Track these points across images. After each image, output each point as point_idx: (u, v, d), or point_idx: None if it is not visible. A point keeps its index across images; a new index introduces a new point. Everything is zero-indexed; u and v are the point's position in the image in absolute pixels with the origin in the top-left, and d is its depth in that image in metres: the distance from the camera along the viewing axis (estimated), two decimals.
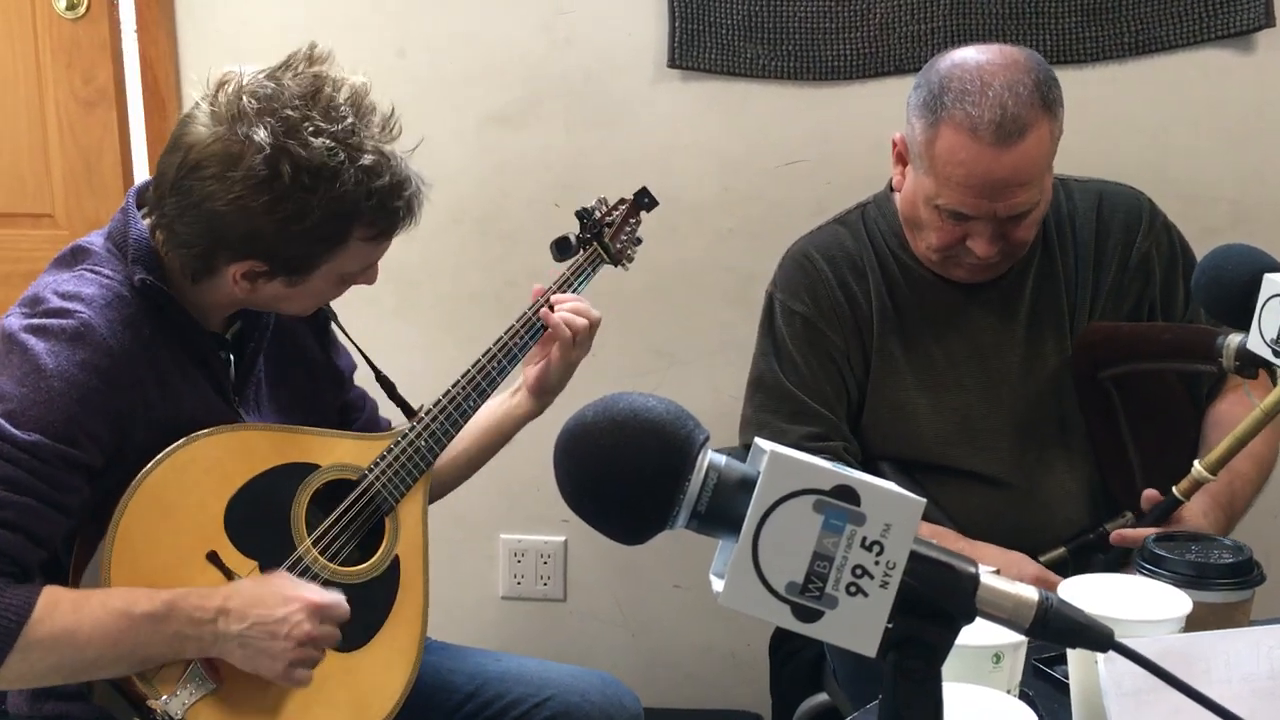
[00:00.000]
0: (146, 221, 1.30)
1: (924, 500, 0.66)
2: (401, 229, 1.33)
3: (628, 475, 0.67)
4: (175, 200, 1.25)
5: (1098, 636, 0.69)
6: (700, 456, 0.68)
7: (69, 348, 1.20)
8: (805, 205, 2.08)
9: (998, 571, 0.69)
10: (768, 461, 0.66)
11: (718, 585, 0.68)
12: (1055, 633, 0.68)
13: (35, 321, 1.22)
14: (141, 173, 2.28)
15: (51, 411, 1.18)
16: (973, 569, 0.68)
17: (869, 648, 0.66)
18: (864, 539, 0.66)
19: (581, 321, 1.50)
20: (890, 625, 0.67)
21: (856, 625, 0.66)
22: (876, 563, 0.66)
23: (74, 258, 1.30)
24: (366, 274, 1.38)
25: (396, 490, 1.42)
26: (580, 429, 0.69)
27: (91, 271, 1.27)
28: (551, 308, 1.51)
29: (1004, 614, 0.68)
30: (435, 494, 1.54)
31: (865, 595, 0.66)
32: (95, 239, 1.32)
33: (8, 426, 1.17)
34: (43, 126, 2.25)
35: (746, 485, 0.67)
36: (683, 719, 2.28)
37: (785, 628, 0.66)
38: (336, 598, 1.30)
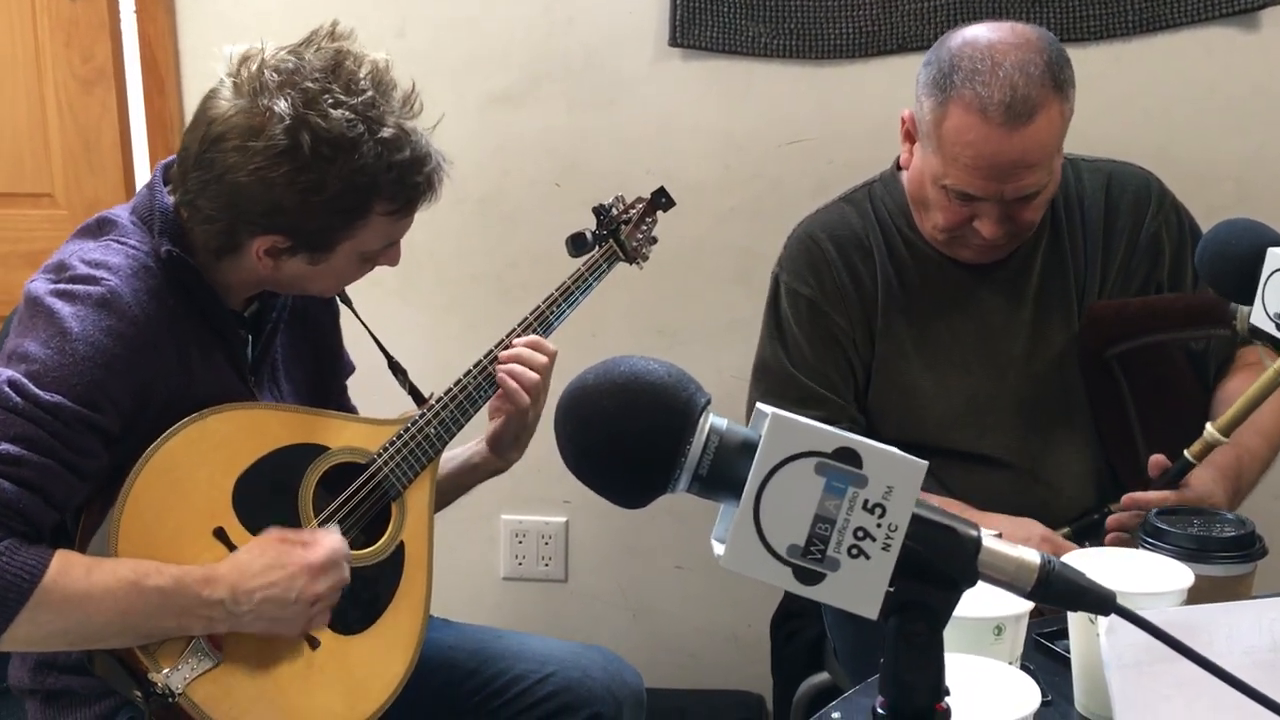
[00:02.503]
0: (172, 199, 1.31)
1: (925, 463, 0.66)
2: (422, 205, 1.34)
3: (628, 438, 0.67)
4: (198, 175, 1.26)
5: (1099, 599, 0.69)
6: (702, 419, 0.68)
7: (95, 313, 1.21)
8: (807, 184, 2.07)
9: (1000, 535, 0.69)
10: (769, 424, 0.66)
11: (719, 549, 0.68)
12: (1057, 595, 0.68)
13: (62, 286, 1.23)
14: (140, 152, 2.27)
15: (75, 374, 1.18)
16: (974, 532, 0.68)
17: (870, 610, 0.66)
18: (866, 501, 0.65)
19: (532, 376, 1.45)
20: (892, 589, 0.66)
21: (858, 587, 0.66)
22: (878, 525, 0.65)
23: (100, 228, 1.31)
24: (389, 253, 1.38)
25: (404, 476, 1.42)
26: (581, 392, 0.69)
27: (118, 242, 1.28)
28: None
29: (1006, 577, 0.68)
30: None
31: (867, 557, 0.65)
32: (120, 212, 1.33)
33: (31, 386, 1.17)
34: (41, 106, 2.24)
35: (748, 448, 0.67)
36: (684, 699, 2.29)
37: (787, 590, 0.66)
38: (330, 546, 1.28)
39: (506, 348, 1.49)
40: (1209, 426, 1.35)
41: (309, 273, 1.33)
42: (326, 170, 1.23)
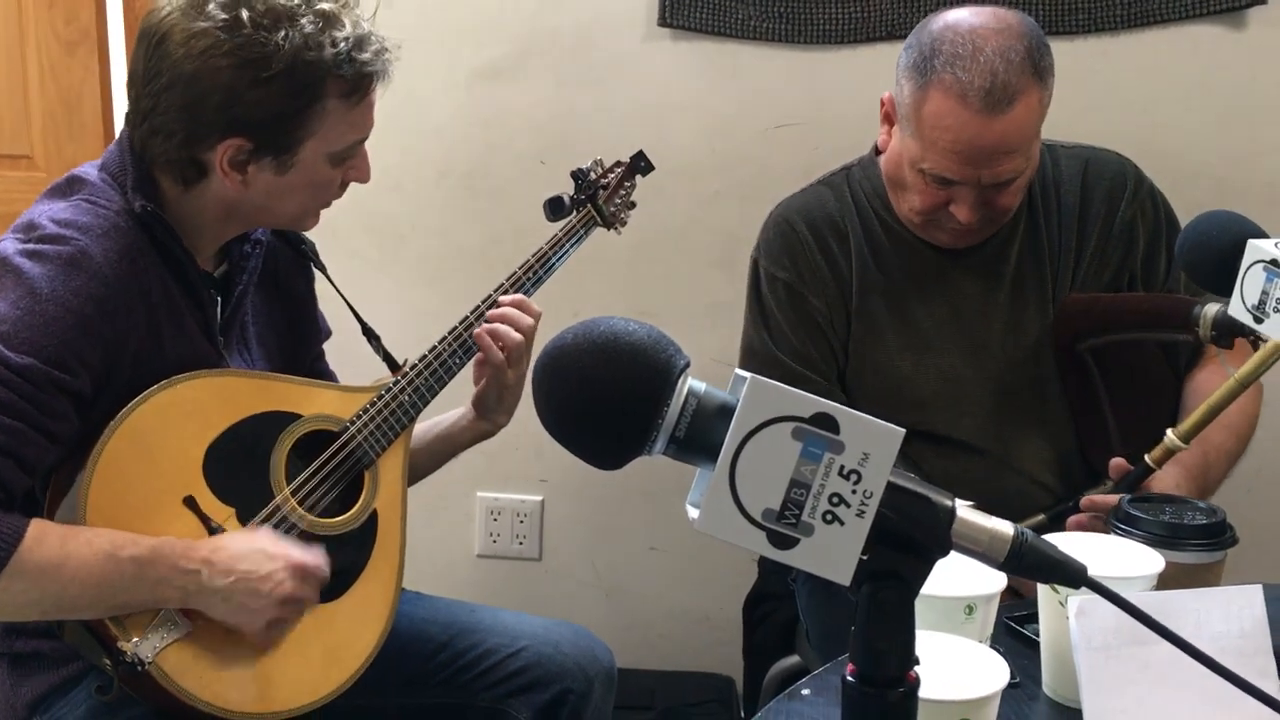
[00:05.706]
0: (138, 143, 1.29)
1: (902, 430, 0.66)
2: (378, 86, 1.31)
3: (606, 398, 0.67)
4: (149, 88, 1.25)
5: (1071, 572, 0.69)
6: (680, 382, 0.68)
7: (65, 273, 1.19)
8: (793, 169, 2.06)
9: (974, 505, 0.69)
10: (748, 387, 0.66)
11: (693, 513, 0.68)
12: (1030, 567, 0.68)
13: (31, 247, 1.21)
14: (122, 116, 2.25)
15: (45, 335, 1.17)
16: (949, 501, 0.68)
17: (843, 576, 0.66)
18: (842, 467, 0.65)
19: (516, 338, 1.44)
20: (865, 556, 0.66)
21: (832, 553, 0.66)
22: (854, 491, 0.65)
23: (70, 187, 1.29)
24: (358, 162, 1.35)
25: (377, 444, 1.41)
26: (559, 351, 0.69)
27: (88, 201, 1.26)
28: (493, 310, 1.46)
29: (979, 547, 0.68)
30: None
31: (841, 524, 0.65)
32: (90, 170, 1.31)
33: (1, 348, 1.15)
34: (23, 67, 2.22)
35: (725, 412, 0.67)
36: (655, 680, 2.29)
37: (760, 554, 0.66)
38: (319, 559, 1.28)
39: (480, 315, 1.47)
40: (1170, 433, 1.36)
41: (280, 185, 1.29)
42: (269, 40, 1.21)
